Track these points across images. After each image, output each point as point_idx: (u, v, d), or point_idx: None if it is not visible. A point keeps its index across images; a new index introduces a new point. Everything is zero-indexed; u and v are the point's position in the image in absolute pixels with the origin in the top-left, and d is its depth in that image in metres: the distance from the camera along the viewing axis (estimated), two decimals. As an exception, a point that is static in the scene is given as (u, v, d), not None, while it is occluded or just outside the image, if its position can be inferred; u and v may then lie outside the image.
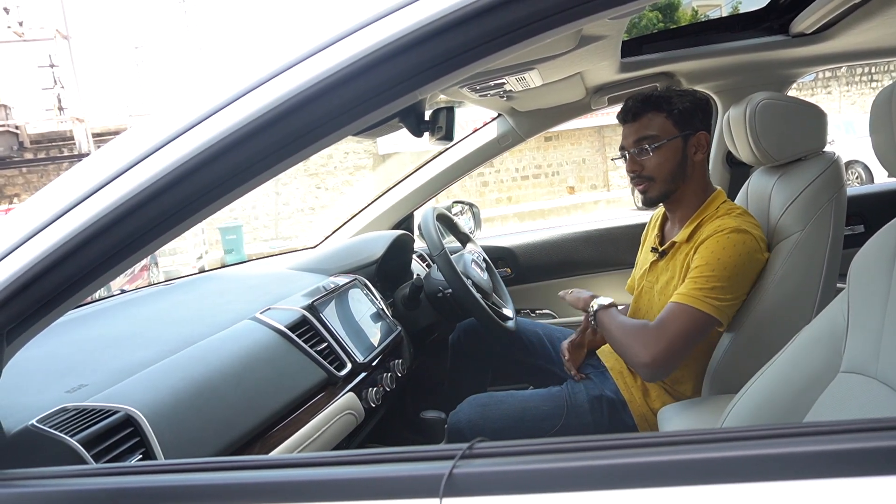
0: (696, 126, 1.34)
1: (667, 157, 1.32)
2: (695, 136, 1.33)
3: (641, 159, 1.33)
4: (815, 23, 1.51)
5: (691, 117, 1.33)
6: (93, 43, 42.32)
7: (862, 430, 0.47)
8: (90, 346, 1.09)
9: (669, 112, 1.32)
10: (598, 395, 1.37)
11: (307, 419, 1.11)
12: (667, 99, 1.32)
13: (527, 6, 0.54)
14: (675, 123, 1.32)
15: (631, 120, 1.35)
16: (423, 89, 0.59)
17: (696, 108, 1.34)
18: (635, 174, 1.35)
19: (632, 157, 1.34)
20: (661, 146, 1.31)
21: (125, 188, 0.60)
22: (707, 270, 1.22)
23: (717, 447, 0.49)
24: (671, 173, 1.33)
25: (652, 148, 1.31)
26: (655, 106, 1.32)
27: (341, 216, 2.22)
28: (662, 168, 1.32)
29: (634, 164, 1.34)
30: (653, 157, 1.32)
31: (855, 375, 0.77)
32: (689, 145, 1.33)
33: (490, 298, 1.69)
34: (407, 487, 0.48)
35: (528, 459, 0.48)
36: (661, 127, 1.32)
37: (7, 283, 0.62)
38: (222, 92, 0.60)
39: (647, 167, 1.33)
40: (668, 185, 1.34)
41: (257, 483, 0.52)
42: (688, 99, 1.34)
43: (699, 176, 1.36)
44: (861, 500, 0.44)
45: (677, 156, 1.32)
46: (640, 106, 1.33)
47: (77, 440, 0.76)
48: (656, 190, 1.34)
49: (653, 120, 1.32)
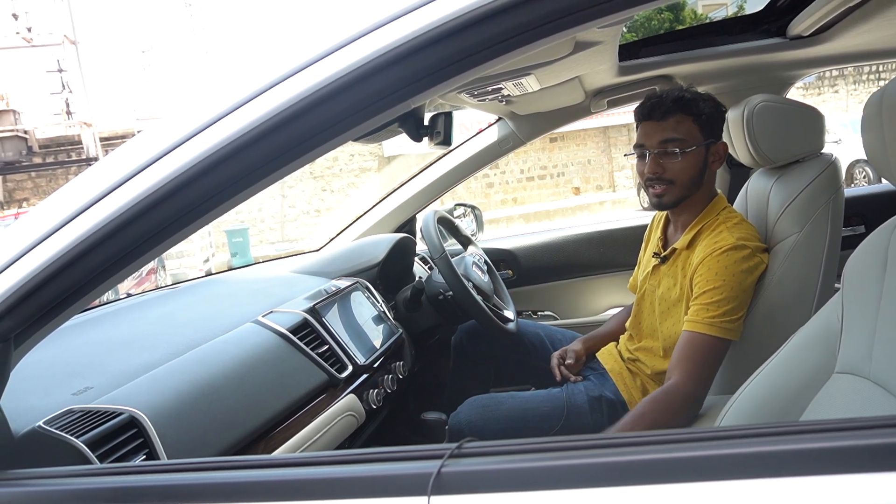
0: (718, 134, 1.32)
1: (691, 163, 1.28)
2: (716, 145, 1.31)
3: (665, 161, 1.28)
4: (812, 25, 1.51)
5: (715, 124, 1.31)
6: (100, 48, 42.57)
7: (855, 428, 0.48)
8: (96, 349, 1.11)
9: (697, 117, 1.28)
10: (597, 396, 1.38)
11: (308, 421, 1.12)
12: (695, 102, 1.29)
13: (520, 16, 0.56)
14: (702, 129, 1.29)
15: (658, 119, 1.28)
16: (420, 95, 0.60)
17: (720, 115, 1.32)
18: (655, 176, 1.30)
19: (654, 157, 1.29)
20: (689, 152, 1.27)
21: (131, 193, 0.61)
22: (716, 295, 1.21)
23: (712, 445, 0.49)
24: (691, 179, 1.30)
25: (681, 152, 1.27)
26: (685, 108, 1.28)
27: (347, 218, 2.23)
28: (685, 173, 1.29)
29: (656, 166, 1.29)
30: (679, 162, 1.27)
31: (849, 376, 0.78)
32: (710, 153, 1.31)
33: (491, 300, 1.70)
34: (396, 486, 0.50)
35: (517, 458, 0.49)
36: (688, 131, 1.28)
37: (15, 288, 0.64)
38: (228, 97, 0.61)
39: (670, 170, 1.28)
40: (686, 190, 1.31)
41: (252, 482, 0.54)
42: (711, 104, 1.31)
43: (710, 184, 1.35)
44: (854, 496, 0.45)
45: (699, 163, 1.29)
46: (670, 105, 1.27)
47: (83, 441, 0.77)
48: (673, 195, 1.31)
49: (682, 122, 1.27)
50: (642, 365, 1.39)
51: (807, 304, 1.28)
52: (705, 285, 1.22)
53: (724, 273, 1.21)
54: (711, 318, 1.20)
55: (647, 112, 1.31)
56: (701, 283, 1.23)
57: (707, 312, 1.21)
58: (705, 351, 1.20)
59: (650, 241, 1.51)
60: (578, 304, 2.28)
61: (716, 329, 1.20)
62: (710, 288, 1.21)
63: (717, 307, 1.20)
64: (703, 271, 1.23)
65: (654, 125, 1.29)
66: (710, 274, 1.22)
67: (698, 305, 1.22)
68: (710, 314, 1.20)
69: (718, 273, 1.22)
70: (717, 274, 1.22)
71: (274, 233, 12.14)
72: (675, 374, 1.21)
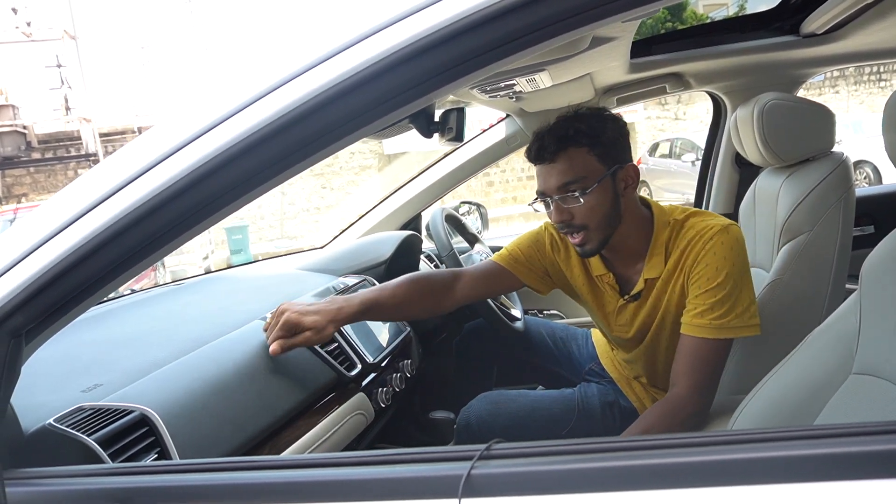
0: (622, 157, 1.15)
1: (599, 200, 1.12)
2: (623, 170, 1.15)
3: (570, 207, 1.13)
4: (826, 23, 1.51)
5: (615, 148, 1.14)
6: (100, 43, 42.49)
7: (874, 432, 0.47)
8: (104, 346, 1.10)
9: (591, 146, 1.12)
10: (611, 402, 1.36)
11: (318, 419, 1.11)
12: (584, 132, 1.12)
13: (543, 9, 0.55)
14: (600, 158, 1.12)
15: (549, 161, 1.13)
16: (438, 91, 0.59)
17: (619, 135, 1.15)
18: (564, 224, 1.16)
19: (556, 204, 1.14)
20: (591, 190, 1.11)
21: (142, 191, 0.61)
22: (720, 292, 1.09)
23: (730, 449, 0.49)
24: (606, 217, 1.14)
25: (582, 193, 1.11)
26: (574, 142, 1.12)
27: (347, 216, 2.23)
28: (596, 214, 1.13)
29: (562, 213, 1.14)
30: (584, 204, 1.12)
31: (867, 377, 0.77)
32: (617, 181, 1.14)
33: (498, 299, 1.69)
34: (426, 488, 0.49)
35: (546, 460, 0.49)
36: (585, 166, 1.12)
37: (26, 284, 0.63)
38: (238, 96, 0.61)
39: (578, 215, 1.14)
40: (606, 230, 1.16)
41: (277, 483, 0.53)
42: (607, 125, 1.14)
43: (633, 208, 1.18)
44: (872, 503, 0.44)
45: (609, 197, 1.14)
46: (556, 144, 1.12)
47: (94, 439, 0.76)
48: (594, 240, 1.16)
49: (574, 158, 1.12)
50: (641, 377, 1.36)
51: (818, 304, 1.27)
52: (706, 284, 1.10)
53: (725, 264, 1.09)
54: (719, 320, 1.09)
55: (534, 155, 1.16)
56: (700, 281, 1.11)
57: (713, 313, 1.09)
58: (713, 356, 1.10)
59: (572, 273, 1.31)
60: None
61: (725, 331, 1.09)
62: (712, 286, 1.09)
63: (722, 305, 1.09)
64: (701, 269, 1.11)
65: (547, 168, 1.14)
66: (710, 270, 1.10)
67: (702, 306, 1.10)
68: (716, 314, 1.09)
69: (719, 267, 1.09)
70: (718, 268, 1.09)
71: (273, 230, 12.14)
72: (681, 384, 1.11)
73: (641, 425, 1.10)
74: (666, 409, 1.10)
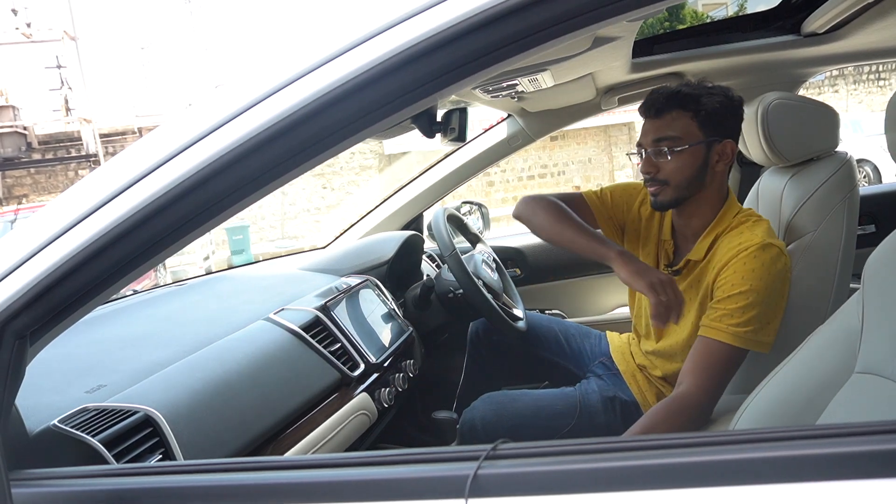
0: (724, 132, 1.21)
1: (687, 162, 1.19)
2: (720, 144, 1.20)
3: (658, 161, 1.21)
4: (827, 22, 1.50)
5: (720, 121, 1.20)
6: (100, 44, 42.53)
7: (877, 432, 0.47)
8: (108, 347, 1.10)
9: (696, 112, 1.18)
10: (611, 397, 1.36)
11: (321, 419, 1.11)
12: (695, 97, 1.18)
13: (549, 9, 0.54)
14: (701, 126, 1.18)
15: (654, 116, 1.21)
16: (443, 92, 0.59)
17: (727, 111, 1.21)
18: (649, 175, 1.23)
19: (648, 156, 1.22)
20: (682, 151, 1.18)
21: (147, 192, 0.61)
22: (741, 300, 1.11)
23: (735, 449, 0.49)
24: (687, 180, 1.21)
25: (671, 151, 1.19)
26: (681, 104, 1.19)
27: (347, 216, 2.23)
28: (679, 174, 1.20)
29: (650, 165, 1.22)
30: (671, 161, 1.19)
31: (870, 376, 0.77)
32: (712, 153, 1.20)
33: (500, 299, 1.69)
34: (432, 488, 0.49)
35: (553, 460, 0.49)
36: (684, 128, 1.18)
37: (31, 285, 0.63)
38: (242, 97, 0.60)
39: (663, 170, 1.21)
40: (683, 191, 1.22)
41: (282, 484, 0.53)
42: (718, 99, 1.19)
43: (718, 185, 1.24)
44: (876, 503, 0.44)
45: (697, 162, 1.20)
46: (664, 102, 1.20)
47: (98, 440, 0.76)
48: (668, 195, 1.22)
49: (677, 119, 1.19)
50: (653, 369, 1.37)
51: (823, 304, 1.27)
52: (730, 289, 1.13)
53: (752, 277, 1.12)
54: (735, 327, 1.11)
55: (644, 109, 1.24)
56: (725, 286, 1.14)
57: (731, 319, 1.11)
58: (724, 361, 1.12)
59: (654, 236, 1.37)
60: (586, 303, 2.28)
61: (739, 340, 1.11)
62: (735, 292, 1.12)
63: (742, 314, 1.11)
64: (728, 274, 1.14)
65: (651, 122, 1.22)
66: (737, 277, 1.13)
67: (722, 311, 1.13)
68: (734, 321, 1.11)
69: (745, 277, 1.12)
70: (744, 278, 1.12)
71: (274, 230, 12.14)
72: (689, 382, 1.12)
73: (645, 422, 1.12)
74: (671, 407, 1.12)
